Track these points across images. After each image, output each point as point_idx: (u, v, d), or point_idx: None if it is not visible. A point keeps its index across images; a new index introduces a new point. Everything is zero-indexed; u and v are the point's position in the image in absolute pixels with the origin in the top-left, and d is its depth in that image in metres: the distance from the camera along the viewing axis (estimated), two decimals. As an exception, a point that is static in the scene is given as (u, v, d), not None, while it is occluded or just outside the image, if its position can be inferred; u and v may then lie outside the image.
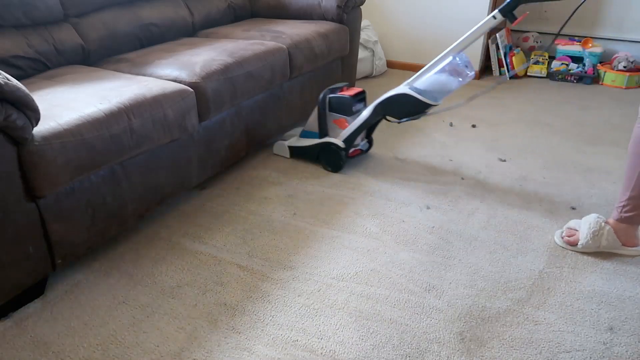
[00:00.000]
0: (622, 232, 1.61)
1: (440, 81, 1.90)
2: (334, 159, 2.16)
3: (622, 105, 3.00)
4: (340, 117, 2.15)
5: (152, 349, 1.27)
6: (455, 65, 1.88)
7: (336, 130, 2.17)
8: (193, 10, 2.55)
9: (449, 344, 1.28)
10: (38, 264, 1.38)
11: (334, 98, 2.14)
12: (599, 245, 1.62)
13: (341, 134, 2.14)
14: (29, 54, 1.83)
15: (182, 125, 1.72)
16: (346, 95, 2.12)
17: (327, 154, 2.17)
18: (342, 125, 2.15)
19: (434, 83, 1.92)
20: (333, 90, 2.17)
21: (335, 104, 2.14)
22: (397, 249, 1.66)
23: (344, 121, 2.14)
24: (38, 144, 1.27)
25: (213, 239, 1.71)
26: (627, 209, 1.57)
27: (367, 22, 3.53)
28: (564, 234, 1.69)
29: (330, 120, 2.17)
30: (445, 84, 1.90)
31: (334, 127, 2.17)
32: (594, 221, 1.62)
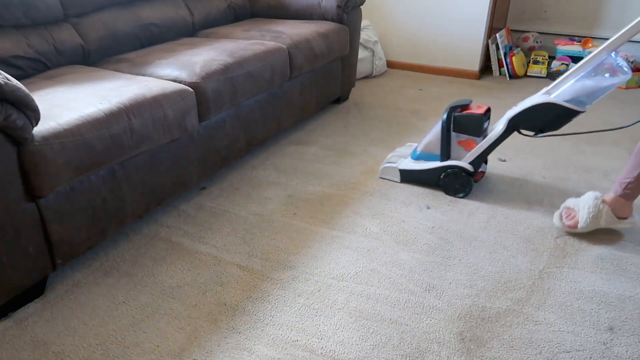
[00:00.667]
0: (620, 206, 1.68)
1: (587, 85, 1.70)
2: (461, 184, 1.95)
3: (622, 105, 3.00)
4: (467, 138, 1.93)
5: (152, 349, 1.27)
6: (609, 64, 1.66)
7: (460, 152, 1.95)
8: (193, 10, 2.55)
9: (449, 344, 1.28)
10: (38, 264, 1.38)
11: (461, 117, 1.90)
12: (597, 226, 1.69)
13: (468, 156, 1.92)
14: (29, 54, 1.83)
15: (182, 125, 1.72)
16: (477, 113, 1.89)
17: (453, 179, 1.96)
18: (468, 146, 1.93)
19: (580, 88, 1.71)
20: (456, 107, 1.93)
21: (463, 123, 1.91)
22: (397, 249, 1.66)
23: (471, 142, 1.92)
24: (38, 144, 1.27)
25: (213, 239, 1.71)
26: (630, 186, 1.64)
27: (367, 22, 3.53)
28: (563, 215, 1.73)
29: (454, 142, 1.95)
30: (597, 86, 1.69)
31: (459, 149, 1.95)
32: (592, 204, 1.67)
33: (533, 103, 1.77)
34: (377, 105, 2.98)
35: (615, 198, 1.68)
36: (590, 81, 1.69)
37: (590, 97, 1.71)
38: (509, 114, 1.84)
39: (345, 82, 2.92)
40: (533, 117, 1.79)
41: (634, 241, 1.69)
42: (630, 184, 1.63)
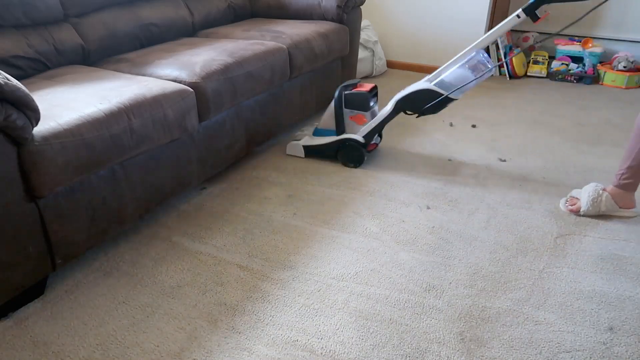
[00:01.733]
0: (620, 197, 1.80)
1: (461, 75, 1.97)
2: (356, 155, 2.18)
3: (622, 105, 3.00)
4: (357, 112, 2.17)
5: (152, 349, 1.27)
6: (477, 61, 1.96)
7: (353, 127, 2.19)
8: (193, 10, 2.55)
9: (449, 344, 1.28)
10: (38, 264, 1.38)
11: (350, 95, 2.16)
12: (598, 211, 1.80)
13: (361, 130, 2.16)
14: (29, 54, 1.83)
15: (182, 125, 1.72)
16: (363, 90, 2.15)
17: (348, 151, 2.19)
18: (359, 121, 2.17)
19: (455, 77, 1.98)
20: (347, 87, 2.18)
21: (352, 100, 2.16)
22: (397, 249, 1.66)
23: (361, 117, 2.17)
24: (38, 144, 1.27)
25: (213, 239, 1.71)
26: (625, 176, 1.76)
27: (367, 22, 3.53)
28: (567, 202, 1.88)
29: (347, 117, 2.19)
30: (465, 78, 1.97)
31: (351, 123, 2.19)
32: (592, 190, 1.81)
33: (415, 88, 2.05)
34: (377, 105, 2.98)
35: (615, 189, 1.80)
36: (461, 72, 1.97)
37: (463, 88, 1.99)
38: (396, 97, 2.11)
39: (345, 82, 2.92)
40: (415, 100, 2.06)
41: (634, 241, 1.69)
42: (624, 175, 1.76)
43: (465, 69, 1.97)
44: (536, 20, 1.86)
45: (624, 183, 1.77)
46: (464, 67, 1.97)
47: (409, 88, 2.07)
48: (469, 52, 1.97)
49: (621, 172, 1.77)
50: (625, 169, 1.75)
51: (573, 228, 1.77)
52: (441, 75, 2.01)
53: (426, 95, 2.02)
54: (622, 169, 1.77)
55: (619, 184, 1.78)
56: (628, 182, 1.76)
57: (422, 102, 2.04)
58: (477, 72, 1.96)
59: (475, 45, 1.97)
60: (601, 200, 1.79)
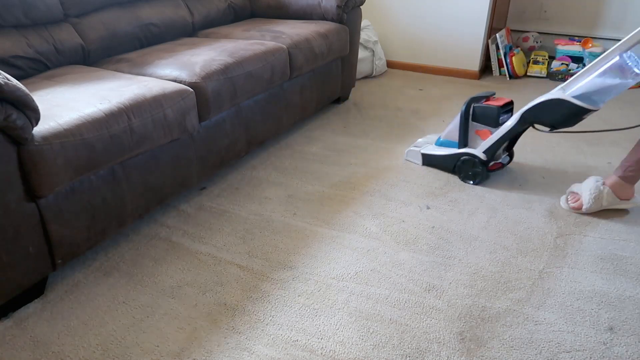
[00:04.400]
0: (621, 188, 1.80)
1: (603, 84, 1.72)
2: (473, 172, 2.05)
3: (622, 105, 3.00)
4: (484, 128, 2.02)
5: (152, 349, 1.27)
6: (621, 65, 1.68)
7: (477, 142, 2.05)
8: (193, 10, 2.55)
9: (449, 344, 1.28)
10: (38, 264, 1.38)
11: (478, 108, 2.01)
12: (600, 206, 1.81)
13: (482, 145, 2.01)
14: (29, 54, 1.83)
15: (182, 125, 1.72)
16: (492, 105, 1.99)
17: (466, 166, 2.06)
18: (484, 136, 2.03)
19: (594, 86, 1.73)
20: (478, 99, 2.04)
21: (480, 114, 2.01)
22: (397, 249, 1.66)
23: (487, 132, 2.01)
24: (38, 144, 1.27)
25: (213, 239, 1.71)
26: (631, 169, 1.76)
27: (367, 22, 3.53)
28: (568, 199, 1.88)
29: (472, 131, 2.05)
30: (608, 85, 1.71)
31: (476, 138, 2.05)
32: (593, 186, 1.81)
33: (544, 99, 1.82)
34: (377, 105, 2.98)
35: (617, 180, 1.79)
36: (602, 80, 1.71)
37: (602, 96, 1.73)
38: (522, 108, 1.89)
39: (345, 82, 2.92)
40: (544, 112, 1.83)
41: (633, 241, 1.69)
42: (630, 167, 1.76)
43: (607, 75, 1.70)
44: None
45: (629, 175, 1.76)
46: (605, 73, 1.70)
47: (539, 98, 1.85)
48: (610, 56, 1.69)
49: (628, 164, 1.75)
50: (634, 162, 1.74)
51: (573, 228, 1.77)
52: (578, 84, 1.76)
53: (559, 106, 1.78)
54: (630, 161, 1.75)
55: (623, 175, 1.77)
56: (632, 174, 1.76)
57: (554, 115, 1.81)
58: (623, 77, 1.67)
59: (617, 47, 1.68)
60: (602, 196, 1.80)
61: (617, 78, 1.69)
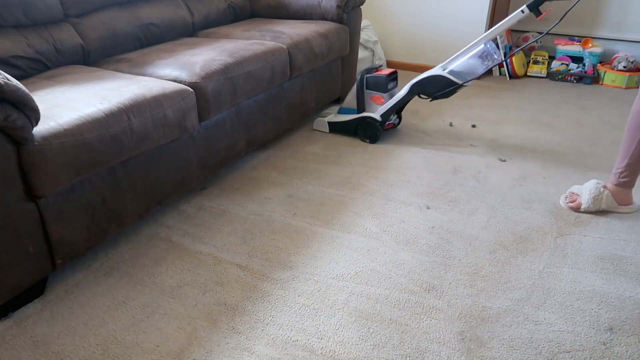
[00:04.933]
0: (619, 194, 1.84)
1: (471, 64, 2.19)
2: (372, 132, 2.43)
3: (622, 105, 3.00)
4: (376, 94, 2.41)
5: (152, 349, 1.27)
6: (485, 51, 2.17)
7: (372, 106, 2.44)
8: (193, 10, 2.55)
9: (449, 344, 1.28)
10: (38, 264, 1.38)
11: (370, 77, 2.40)
12: (599, 207, 1.84)
13: (379, 109, 2.40)
14: (29, 54, 1.83)
15: (182, 125, 1.72)
16: (382, 74, 2.39)
17: (366, 127, 2.44)
18: (378, 101, 2.42)
19: (465, 66, 2.20)
20: (369, 70, 2.43)
21: (372, 82, 2.41)
22: (397, 249, 1.66)
23: (380, 98, 2.41)
24: (38, 144, 1.27)
25: (213, 239, 1.71)
26: (624, 174, 1.80)
27: (367, 22, 3.53)
28: (567, 199, 1.91)
29: (367, 97, 2.44)
30: (475, 67, 2.19)
31: (371, 103, 2.44)
32: (594, 187, 1.84)
33: (428, 74, 2.27)
34: (377, 105, 2.98)
35: (614, 188, 1.84)
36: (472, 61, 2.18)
37: (470, 75, 2.21)
38: (411, 81, 2.32)
39: (345, 82, 2.92)
40: (428, 85, 2.28)
41: (633, 241, 1.69)
42: (622, 173, 1.80)
43: (474, 58, 2.17)
44: (538, 15, 2.00)
45: (623, 181, 1.81)
46: (474, 57, 2.17)
47: (424, 73, 2.28)
48: (478, 44, 2.18)
49: (619, 170, 1.80)
50: (623, 167, 1.78)
51: (573, 228, 1.77)
52: (453, 64, 2.22)
53: (438, 81, 2.23)
54: (620, 168, 1.80)
55: (618, 182, 1.82)
56: (626, 180, 1.80)
57: (435, 88, 2.25)
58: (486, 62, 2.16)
59: (483, 37, 2.16)
60: (602, 198, 1.83)
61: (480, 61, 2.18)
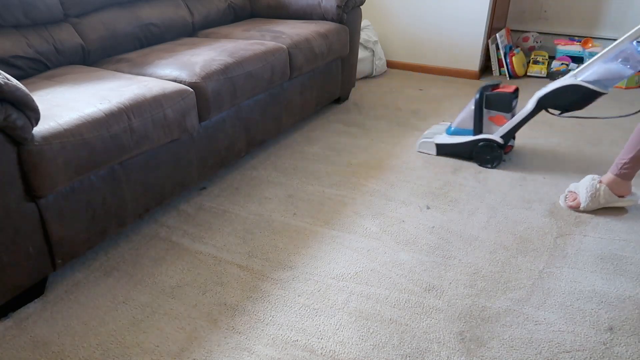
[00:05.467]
0: (617, 185, 1.83)
1: (611, 70, 1.92)
2: (492, 156, 2.20)
3: (622, 105, 3.00)
4: (497, 114, 2.18)
5: (152, 349, 1.27)
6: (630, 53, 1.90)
7: (491, 127, 2.20)
8: (193, 10, 2.55)
9: (449, 344, 1.28)
10: (38, 264, 1.38)
11: (492, 95, 2.16)
12: (598, 204, 1.84)
13: (500, 130, 2.16)
14: (29, 54, 1.83)
15: (182, 125, 1.72)
16: (505, 92, 2.15)
17: (485, 151, 2.20)
18: (498, 122, 2.18)
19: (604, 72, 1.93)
20: (487, 87, 2.20)
21: (494, 101, 2.16)
22: (397, 249, 1.66)
23: (501, 118, 2.17)
24: (38, 144, 1.27)
25: (213, 239, 1.71)
26: (626, 166, 1.79)
27: (367, 22, 3.53)
28: (567, 198, 1.91)
29: (486, 117, 2.20)
30: (616, 72, 1.91)
31: (490, 124, 2.20)
32: (589, 184, 1.84)
33: (561, 84, 1.98)
34: (377, 105, 2.98)
35: (613, 178, 1.83)
36: (611, 66, 1.89)
37: (610, 81, 1.92)
38: (538, 94, 2.03)
39: (345, 82, 2.92)
40: (560, 97, 2.00)
41: (633, 241, 1.69)
42: (626, 164, 1.79)
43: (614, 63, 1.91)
44: None
45: (624, 172, 1.80)
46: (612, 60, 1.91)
47: (553, 84, 2.02)
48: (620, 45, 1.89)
49: (623, 161, 1.79)
50: (628, 159, 1.78)
51: (573, 228, 1.77)
52: (588, 70, 1.97)
53: (573, 91, 1.97)
54: (624, 159, 1.79)
55: (619, 172, 1.81)
56: (627, 172, 1.80)
57: (568, 99, 2.00)
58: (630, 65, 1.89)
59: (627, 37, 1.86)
60: (599, 194, 1.83)
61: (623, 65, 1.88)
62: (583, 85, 1.93)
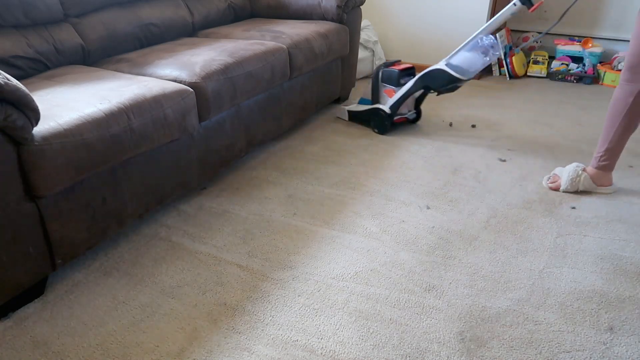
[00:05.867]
0: (598, 177, 1.96)
1: (469, 58, 2.23)
2: (381, 123, 2.53)
3: (622, 105, 3.00)
4: (389, 87, 2.50)
5: (152, 349, 1.27)
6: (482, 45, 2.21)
7: (386, 99, 2.53)
8: (193, 10, 2.55)
9: (449, 344, 1.28)
10: (38, 264, 1.38)
11: (385, 71, 2.50)
12: (577, 189, 1.97)
13: (388, 102, 2.50)
14: (29, 54, 1.83)
15: (182, 125, 1.72)
16: (395, 68, 2.47)
17: (376, 118, 2.54)
18: (390, 94, 2.50)
19: (464, 61, 2.25)
20: (387, 65, 2.51)
21: (386, 76, 2.50)
22: (397, 249, 1.66)
23: (392, 91, 2.49)
24: (38, 144, 1.27)
25: (213, 239, 1.71)
26: (603, 158, 1.91)
27: (367, 22, 3.53)
28: (550, 179, 2.04)
29: (381, 90, 2.53)
30: (474, 62, 2.23)
31: (385, 96, 2.53)
32: (572, 170, 1.97)
33: (432, 68, 2.32)
34: (377, 105, 2.98)
35: (594, 171, 1.95)
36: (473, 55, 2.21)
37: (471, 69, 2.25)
38: (418, 74, 2.38)
39: (345, 82, 2.92)
40: (431, 78, 2.33)
41: (633, 241, 1.69)
42: (602, 157, 1.91)
43: (473, 52, 2.21)
44: (530, 7, 2.03)
45: (602, 164, 1.92)
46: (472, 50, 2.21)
47: (430, 67, 2.33)
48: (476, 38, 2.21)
49: (599, 154, 1.91)
50: (603, 152, 1.90)
51: (573, 228, 1.77)
52: (452, 58, 2.27)
53: (440, 75, 2.28)
54: (600, 152, 1.91)
55: (598, 165, 1.93)
56: (605, 163, 1.91)
57: (438, 82, 2.30)
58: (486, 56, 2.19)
59: (481, 31, 2.20)
60: (579, 180, 1.95)
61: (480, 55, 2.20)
62: (446, 70, 2.26)
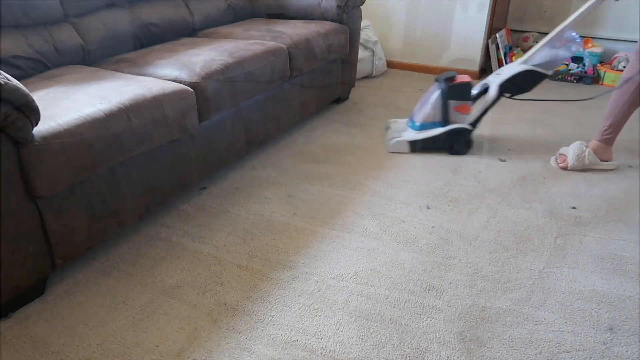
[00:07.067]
0: (601, 150, 2.14)
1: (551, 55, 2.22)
2: (466, 142, 2.33)
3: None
4: (462, 103, 2.29)
5: (152, 349, 1.27)
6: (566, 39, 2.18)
7: (458, 116, 2.31)
8: (193, 10, 2.55)
9: (449, 344, 1.28)
10: (38, 264, 1.38)
11: (452, 87, 2.28)
12: (583, 165, 2.13)
13: (468, 118, 2.32)
14: (29, 54, 1.83)
15: (182, 125, 1.72)
16: (465, 81, 2.28)
17: (460, 139, 2.32)
18: (463, 110, 2.30)
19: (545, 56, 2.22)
20: (446, 79, 2.29)
21: (457, 91, 2.28)
22: (397, 249, 1.66)
23: (466, 106, 2.30)
24: (38, 144, 1.27)
25: (213, 239, 1.71)
26: (608, 131, 2.11)
27: (367, 22, 3.53)
28: (558, 159, 2.20)
29: (451, 108, 2.30)
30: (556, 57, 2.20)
31: (456, 113, 2.31)
32: (577, 147, 2.14)
33: (518, 70, 2.22)
34: (377, 105, 2.98)
35: (597, 144, 2.14)
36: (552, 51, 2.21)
37: (553, 64, 2.22)
38: (497, 81, 2.25)
39: (345, 82, 2.92)
40: (517, 82, 2.24)
41: (633, 241, 1.69)
42: (606, 130, 2.10)
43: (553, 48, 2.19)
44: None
45: (606, 138, 2.11)
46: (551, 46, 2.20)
47: (507, 72, 2.23)
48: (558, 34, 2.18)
49: (604, 128, 2.11)
50: (607, 126, 2.09)
51: (573, 228, 1.77)
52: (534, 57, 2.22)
53: (529, 75, 2.21)
54: (604, 126, 2.10)
55: (602, 138, 2.12)
56: (609, 137, 2.11)
57: (524, 83, 2.23)
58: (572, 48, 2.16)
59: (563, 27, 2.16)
60: (584, 156, 2.11)
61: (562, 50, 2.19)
62: (535, 70, 2.21)
